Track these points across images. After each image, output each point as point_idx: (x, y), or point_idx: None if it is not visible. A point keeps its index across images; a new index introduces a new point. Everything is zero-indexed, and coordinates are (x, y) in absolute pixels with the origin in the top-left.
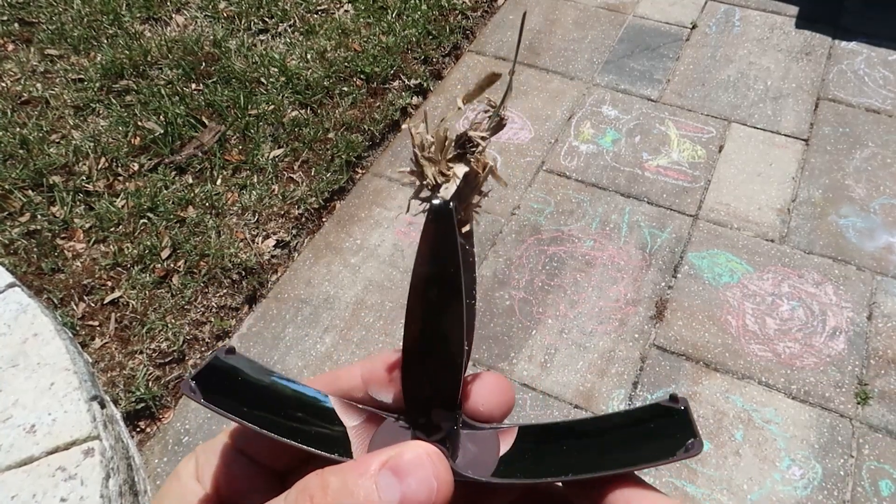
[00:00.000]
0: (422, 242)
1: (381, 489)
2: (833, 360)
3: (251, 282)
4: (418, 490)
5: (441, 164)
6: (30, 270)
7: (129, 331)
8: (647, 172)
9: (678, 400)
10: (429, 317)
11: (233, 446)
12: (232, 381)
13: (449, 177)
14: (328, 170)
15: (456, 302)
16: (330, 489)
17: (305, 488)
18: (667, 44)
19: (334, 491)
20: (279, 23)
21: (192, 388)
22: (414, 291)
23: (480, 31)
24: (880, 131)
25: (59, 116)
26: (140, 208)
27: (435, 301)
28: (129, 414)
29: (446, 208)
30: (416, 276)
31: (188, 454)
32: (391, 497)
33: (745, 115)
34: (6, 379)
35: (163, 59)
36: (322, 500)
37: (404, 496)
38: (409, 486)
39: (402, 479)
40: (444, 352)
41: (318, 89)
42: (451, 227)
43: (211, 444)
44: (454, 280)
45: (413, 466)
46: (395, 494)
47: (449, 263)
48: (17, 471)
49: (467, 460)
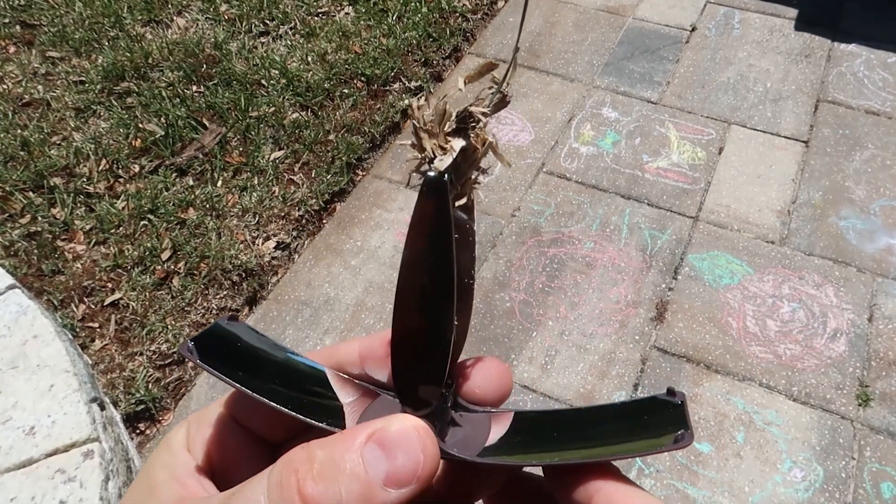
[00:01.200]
0: (415, 214)
1: (367, 462)
2: (834, 361)
3: (251, 283)
4: (405, 464)
5: (440, 138)
6: (30, 272)
7: (129, 332)
8: (647, 174)
9: (675, 394)
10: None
11: (227, 416)
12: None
13: (447, 150)
14: (329, 171)
15: (447, 276)
16: (316, 462)
17: (291, 461)
18: (666, 46)
19: (320, 464)
20: (280, 25)
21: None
22: (405, 264)
23: (480, 34)
24: (880, 133)
25: (60, 118)
26: (140, 210)
27: (426, 274)
28: (129, 416)
29: (440, 180)
30: (409, 249)
31: (179, 423)
32: (377, 471)
33: (744, 117)
34: (6, 381)
35: (164, 62)
36: (307, 474)
37: (390, 469)
38: (395, 460)
39: (389, 452)
40: (433, 327)
41: (318, 91)
42: (444, 199)
43: (203, 414)
44: (446, 253)
45: (399, 440)
46: (381, 468)
47: (441, 236)
48: (16, 473)
49: (456, 440)
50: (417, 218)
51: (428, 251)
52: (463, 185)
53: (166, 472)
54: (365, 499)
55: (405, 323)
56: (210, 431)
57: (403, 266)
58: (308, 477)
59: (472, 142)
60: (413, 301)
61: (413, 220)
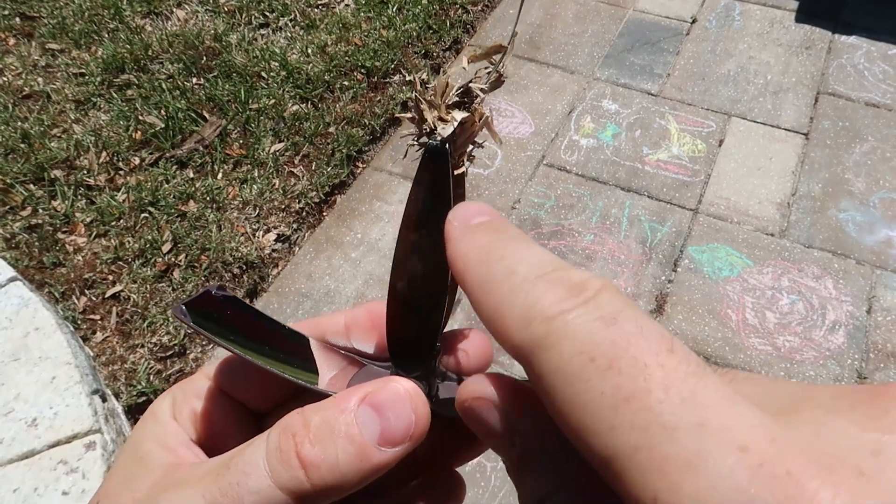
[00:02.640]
0: (415, 182)
1: (360, 424)
2: (833, 353)
3: (252, 276)
4: (397, 424)
5: (440, 109)
6: (31, 265)
7: (130, 325)
8: (647, 167)
9: None
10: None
11: (213, 386)
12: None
13: (448, 121)
14: (329, 164)
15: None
16: (312, 426)
17: (287, 426)
18: (667, 38)
19: (316, 427)
20: (280, 17)
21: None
22: (404, 230)
23: (481, 26)
24: (880, 125)
25: (61, 111)
26: (141, 202)
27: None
28: (131, 408)
29: (442, 148)
30: (408, 216)
31: (164, 392)
32: (371, 431)
33: (745, 109)
34: (8, 373)
35: (164, 54)
36: (304, 437)
37: (384, 430)
38: (387, 421)
39: (381, 413)
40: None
41: (318, 83)
42: (444, 167)
43: (188, 383)
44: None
45: (391, 401)
46: (374, 428)
47: (440, 203)
48: (18, 464)
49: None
50: (418, 184)
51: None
52: (459, 157)
53: (155, 441)
54: (360, 458)
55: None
56: (195, 401)
57: (402, 232)
58: (305, 441)
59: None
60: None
61: (413, 187)
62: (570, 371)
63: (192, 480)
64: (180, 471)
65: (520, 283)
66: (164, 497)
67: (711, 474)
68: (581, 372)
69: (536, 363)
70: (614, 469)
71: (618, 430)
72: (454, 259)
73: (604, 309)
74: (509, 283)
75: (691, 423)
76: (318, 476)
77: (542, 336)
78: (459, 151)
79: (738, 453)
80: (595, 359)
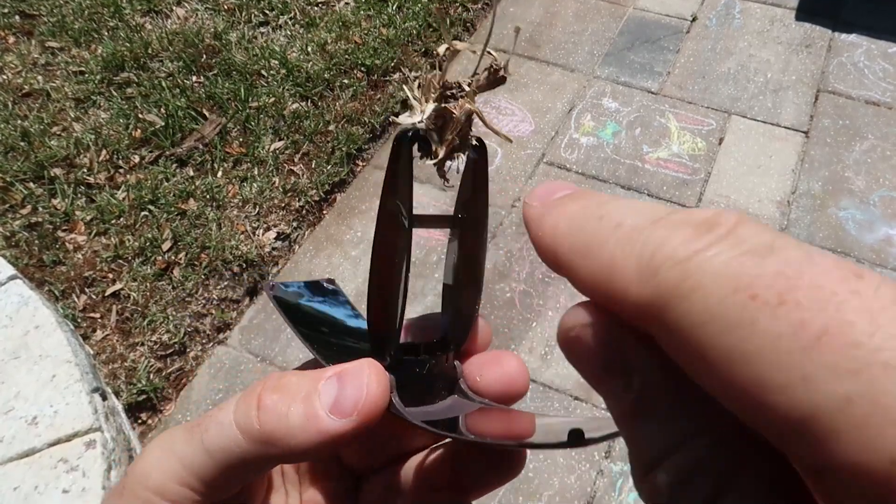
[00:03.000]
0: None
1: (321, 390)
2: None
3: (252, 274)
4: (349, 394)
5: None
6: (31, 263)
7: (130, 323)
8: (647, 165)
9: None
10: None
11: None
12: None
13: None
14: (329, 162)
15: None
16: (283, 379)
17: (267, 378)
18: (667, 36)
19: (286, 382)
20: (280, 15)
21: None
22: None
23: (481, 24)
24: (880, 124)
25: (60, 109)
26: (141, 201)
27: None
28: (131, 406)
29: (402, 133)
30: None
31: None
32: (326, 398)
33: (745, 107)
34: (8, 371)
35: (163, 52)
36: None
37: (337, 398)
38: (343, 391)
39: (341, 383)
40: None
41: (318, 82)
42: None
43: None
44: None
45: (351, 373)
46: (330, 396)
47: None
48: (19, 462)
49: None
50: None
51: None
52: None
53: None
54: (309, 418)
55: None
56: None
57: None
58: (269, 387)
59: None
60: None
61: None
62: (725, 316)
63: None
64: None
65: (631, 233)
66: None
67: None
68: (743, 314)
69: (674, 316)
70: (815, 432)
71: (815, 379)
72: (541, 238)
73: (751, 241)
74: (617, 236)
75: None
76: (267, 419)
77: (678, 282)
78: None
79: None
80: (758, 295)
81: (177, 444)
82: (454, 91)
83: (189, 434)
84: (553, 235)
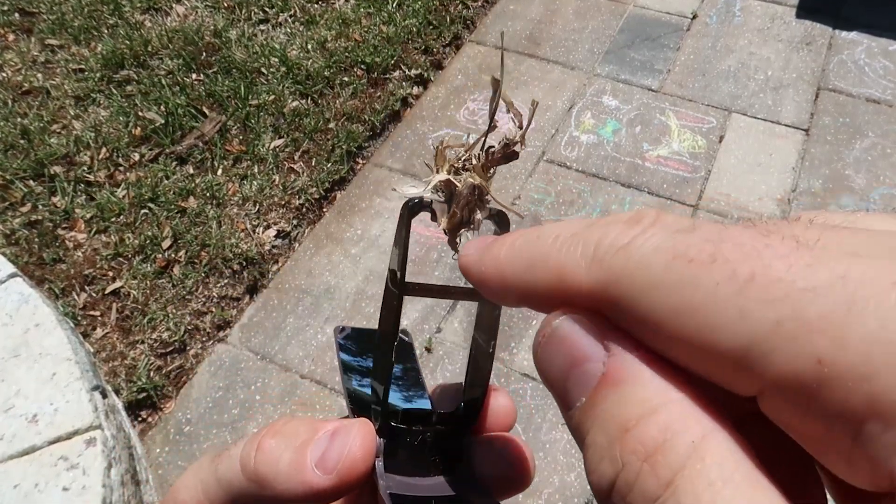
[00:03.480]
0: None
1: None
2: None
3: (252, 272)
4: (332, 453)
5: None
6: (31, 261)
7: (130, 321)
8: (647, 163)
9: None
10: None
11: None
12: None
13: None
14: (329, 160)
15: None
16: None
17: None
18: (667, 34)
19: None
20: (280, 13)
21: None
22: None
23: (481, 21)
24: (880, 121)
25: (60, 107)
26: (141, 199)
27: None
28: (131, 404)
29: (407, 203)
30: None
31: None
32: (316, 451)
33: (745, 105)
34: (8, 369)
35: (163, 50)
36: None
37: (323, 454)
38: (331, 448)
39: (331, 441)
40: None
41: (318, 79)
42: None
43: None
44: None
45: (341, 431)
46: (319, 450)
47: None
48: (19, 460)
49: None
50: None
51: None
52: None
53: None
54: (295, 467)
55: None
56: None
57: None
58: (272, 431)
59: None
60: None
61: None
62: (670, 280)
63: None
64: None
65: (570, 239)
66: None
67: (877, 314)
68: (684, 275)
69: (626, 291)
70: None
71: (750, 312)
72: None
73: (675, 225)
74: (558, 245)
75: (832, 278)
76: (260, 461)
77: (624, 262)
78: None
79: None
80: (693, 259)
81: (202, 468)
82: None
83: (211, 462)
84: (497, 266)
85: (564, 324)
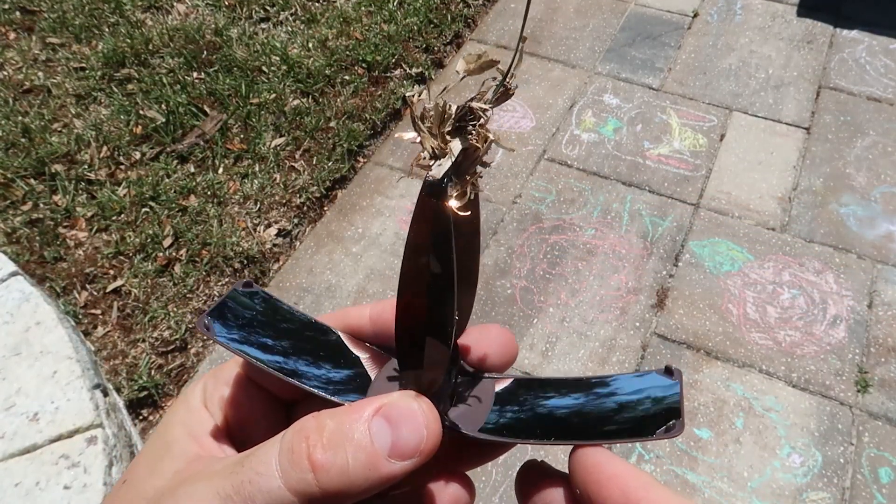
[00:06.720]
0: (416, 209)
1: (373, 434)
2: (833, 348)
3: (253, 270)
4: (408, 438)
5: (439, 138)
6: (32, 259)
7: (131, 319)
8: (648, 161)
9: (673, 372)
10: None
11: (242, 375)
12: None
13: (446, 152)
14: (330, 158)
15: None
16: (326, 430)
17: (302, 429)
18: (668, 32)
19: (330, 432)
20: (280, 11)
21: (205, 324)
22: (408, 254)
23: (482, 20)
24: (881, 120)
25: (61, 105)
26: (142, 197)
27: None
28: (132, 402)
29: (438, 185)
30: (411, 241)
31: (196, 380)
32: (383, 442)
33: (746, 103)
34: (9, 367)
35: (164, 48)
36: (318, 441)
37: (395, 443)
38: (399, 434)
39: (394, 426)
40: (435, 316)
41: (319, 78)
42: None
43: (219, 372)
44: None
45: (404, 415)
46: (386, 440)
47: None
48: (20, 458)
49: (458, 413)
50: (418, 214)
51: (429, 247)
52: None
53: (183, 429)
54: (370, 468)
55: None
56: (226, 389)
57: (406, 255)
58: (318, 444)
59: (473, 141)
60: (416, 290)
61: (415, 215)
62: None
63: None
64: (200, 463)
65: None
66: (181, 490)
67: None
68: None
69: None
70: None
71: None
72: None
73: None
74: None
75: None
76: (327, 479)
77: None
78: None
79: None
80: None
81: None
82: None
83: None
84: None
85: None
